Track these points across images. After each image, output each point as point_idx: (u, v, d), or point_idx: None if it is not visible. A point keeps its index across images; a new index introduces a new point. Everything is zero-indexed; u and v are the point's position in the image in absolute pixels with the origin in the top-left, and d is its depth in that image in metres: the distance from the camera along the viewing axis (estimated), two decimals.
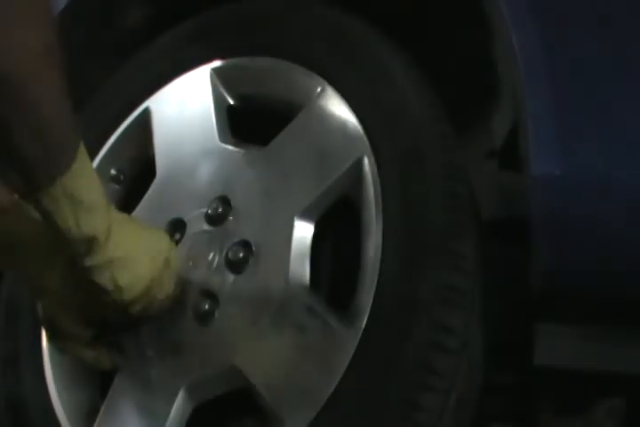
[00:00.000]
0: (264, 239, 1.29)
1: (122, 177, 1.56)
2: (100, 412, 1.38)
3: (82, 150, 1.17)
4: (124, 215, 1.29)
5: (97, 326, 1.35)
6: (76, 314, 1.31)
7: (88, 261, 1.22)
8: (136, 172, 1.55)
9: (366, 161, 1.25)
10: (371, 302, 1.18)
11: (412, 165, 1.22)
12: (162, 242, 1.31)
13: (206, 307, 1.30)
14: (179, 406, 1.30)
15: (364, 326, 1.17)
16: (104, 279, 1.24)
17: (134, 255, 1.25)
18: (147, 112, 1.51)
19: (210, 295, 1.31)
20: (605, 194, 1.15)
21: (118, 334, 1.38)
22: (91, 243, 1.20)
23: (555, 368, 1.22)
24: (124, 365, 1.37)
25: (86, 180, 1.18)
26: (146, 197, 1.46)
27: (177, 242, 1.38)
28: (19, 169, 1.14)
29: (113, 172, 1.55)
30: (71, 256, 1.23)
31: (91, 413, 1.42)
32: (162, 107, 1.50)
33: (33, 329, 1.49)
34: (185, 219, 1.39)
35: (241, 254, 1.29)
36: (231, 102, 1.46)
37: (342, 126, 1.29)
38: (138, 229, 1.29)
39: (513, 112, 1.25)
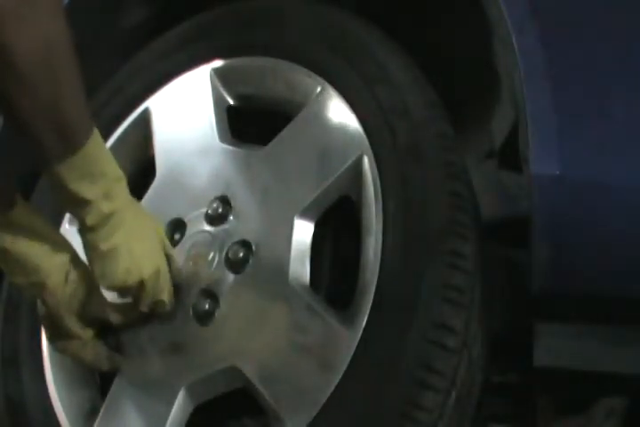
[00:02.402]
0: (264, 239, 1.29)
1: None
2: (100, 412, 1.38)
3: (95, 133, 1.20)
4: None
5: (97, 325, 1.35)
6: (77, 313, 1.31)
7: (88, 221, 1.23)
8: (136, 172, 1.55)
9: (366, 161, 1.25)
10: (371, 301, 1.18)
11: (412, 165, 1.22)
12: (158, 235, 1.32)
13: (206, 307, 1.30)
14: (179, 406, 1.30)
15: (363, 325, 1.17)
16: (107, 244, 1.24)
17: (142, 242, 1.27)
18: (147, 112, 1.51)
19: (210, 295, 1.31)
20: (605, 194, 1.15)
21: (118, 335, 1.38)
22: (82, 203, 1.22)
23: (555, 368, 1.22)
24: (124, 365, 1.37)
25: (100, 153, 1.21)
26: (146, 197, 1.46)
27: (177, 242, 1.38)
28: (31, 145, 1.17)
29: None
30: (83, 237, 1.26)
31: (91, 413, 1.42)
32: (162, 107, 1.50)
33: (33, 329, 1.49)
34: (185, 219, 1.39)
35: (241, 254, 1.30)
36: (231, 102, 1.46)
37: (342, 126, 1.29)
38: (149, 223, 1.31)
39: (513, 112, 1.24)
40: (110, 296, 1.33)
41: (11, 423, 1.47)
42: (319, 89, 1.34)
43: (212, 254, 1.32)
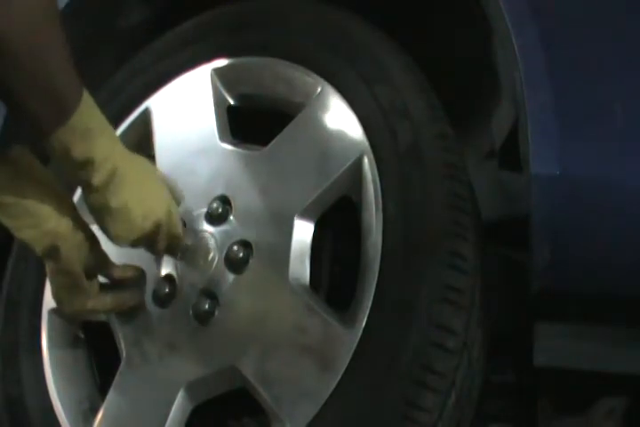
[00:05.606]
0: (264, 239, 1.29)
1: None
2: (100, 412, 1.38)
3: (85, 94, 1.18)
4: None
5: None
6: (84, 264, 1.30)
7: (95, 181, 1.22)
8: None
9: (366, 161, 1.25)
10: (371, 302, 1.18)
11: (412, 166, 1.22)
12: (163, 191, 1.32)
13: (206, 307, 1.31)
14: (178, 405, 1.30)
15: (363, 325, 1.17)
16: (118, 201, 1.24)
17: (148, 188, 1.27)
18: (147, 112, 1.51)
19: (210, 295, 1.31)
20: (605, 194, 1.15)
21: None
22: (88, 164, 1.20)
23: (555, 368, 1.22)
24: (124, 364, 1.37)
25: (94, 113, 1.21)
26: None
27: None
28: (25, 118, 1.16)
29: None
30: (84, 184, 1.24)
31: (90, 412, 1.42)
32: (162, 107, 1.50)
33: (33, 329, 1.49)
34: (185, 219, 1.39)
35: (241, 254, 1.30)
36: (231, 102, 1.46)
37: (342, 126, 1.29)
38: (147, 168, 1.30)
39: (513, 112, 1.24)
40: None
41: (10, 423, 1.47)
42: (319, 89, 1.34)
43: (211, 254, 1.32)
